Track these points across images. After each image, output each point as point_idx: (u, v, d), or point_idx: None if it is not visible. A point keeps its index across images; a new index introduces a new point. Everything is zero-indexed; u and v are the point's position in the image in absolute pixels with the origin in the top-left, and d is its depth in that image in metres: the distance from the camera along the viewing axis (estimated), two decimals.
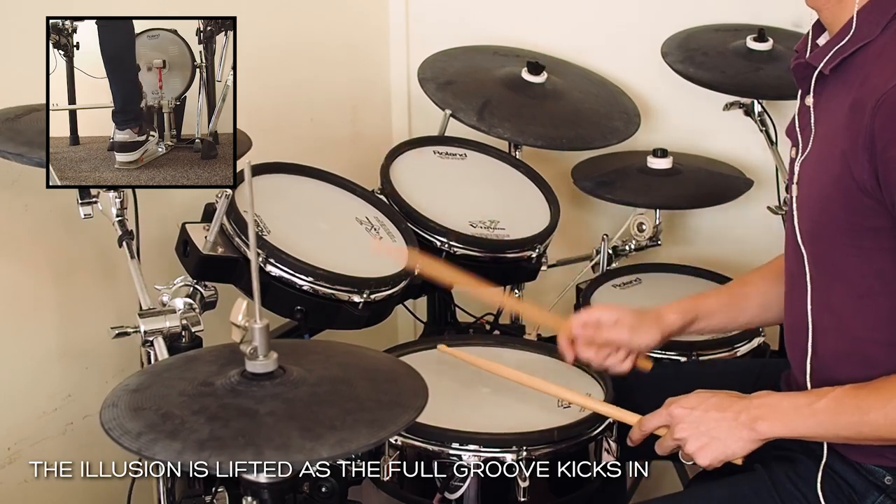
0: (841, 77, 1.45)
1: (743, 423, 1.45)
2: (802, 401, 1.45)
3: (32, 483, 1.86)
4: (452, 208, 2.14)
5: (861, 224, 1.42)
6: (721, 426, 1.46)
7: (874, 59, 1.41)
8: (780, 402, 1.46)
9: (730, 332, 2.03)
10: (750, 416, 1.45)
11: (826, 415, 1.42)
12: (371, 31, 2.84)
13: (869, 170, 1.37)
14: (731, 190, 2.46)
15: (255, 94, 1.82)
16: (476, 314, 2.39)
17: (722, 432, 1.46)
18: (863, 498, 1.50)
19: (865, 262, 1.44)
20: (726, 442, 1.45)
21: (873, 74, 1.38)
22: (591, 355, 1.73)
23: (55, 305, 2.07)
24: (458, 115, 2.38)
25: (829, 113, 1.46)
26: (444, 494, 1.60)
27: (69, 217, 1.83)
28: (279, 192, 2.00)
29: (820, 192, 1.47)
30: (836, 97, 1.45)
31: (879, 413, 1.38)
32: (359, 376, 1.36)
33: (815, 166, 1.49)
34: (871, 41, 1.42)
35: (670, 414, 1.51)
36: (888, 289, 1.44)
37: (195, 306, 1.74)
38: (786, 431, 1.44)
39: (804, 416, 1.43)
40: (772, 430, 1.44)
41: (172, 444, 1.18)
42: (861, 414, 1.40)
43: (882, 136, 1.34)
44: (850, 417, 1.41)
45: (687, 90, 2.46)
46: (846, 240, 1.44)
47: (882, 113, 1.34)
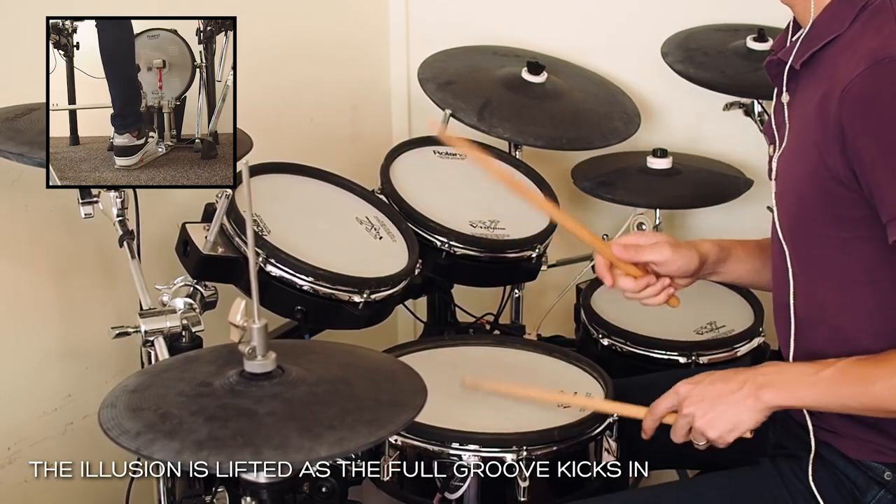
0: (812, 71, 1.46)
1: (748, 392, 1.45)
2: (808, 370, 1.45)
3: (32, 483, 1.87)
4: (452, 208, 2.14)
5: (839, 215, 1.42)
6: (727, 396, 1.46)
7: (842, 52, 1.42)
8: (785, 371, 1.47)
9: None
10: (755, 384, 1.45)
11: (830, 384, 1.42)
12: (371, 31, 2.84)
13: (842, 160, 1.37)
14: (731, 190, 2.46)
15: (255, 94, 1.82)
16: (476, 314, 2.39)
17: (728, 402, 1.45)
18: (864, 493, 1.51)
19: (847, 254, 1.45)
20: (733, 411, 1.45)
21: (840, 66, 1.39)
22: (629, 284, 1.67)
23: (55, 305, 2.07)
24: (458, 115, 2.37)
25: (802, 107, 1.47)
26: (444, 494, 1.60)
27: (69, 217, 1.84)
28: (279, 192, 2.00)
29: (797, 186, 1.48)
30: (808, 92, 1.46)
31: (884, 384, 1.38)
32: (358, 376, 1.36)
33: (790, 161, 1.50)
34: (840, 35, 1.44)
35: (677, 392, 1.51)
36: (871, 279, 1.44)
37: (195, 306, 1.74)
38: (790, 400, 1.44)
39: (808, 384, 1.43)
40: (777, 398, 1.44)
41: (171, 443, 1.18)
42: (865, 384, 1.39)
43: (851, 125, 1.35)
44: (853, 387, 1.40)
45: (687, 90, 2.45)
46: (826, 231, 1.45)
47: (848, 103, 1.35)
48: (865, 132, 1.35)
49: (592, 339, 2.17)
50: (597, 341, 2.15)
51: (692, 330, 2.18)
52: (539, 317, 2.45)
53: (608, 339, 2.14)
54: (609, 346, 2.13)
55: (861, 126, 1.35)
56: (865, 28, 1.41)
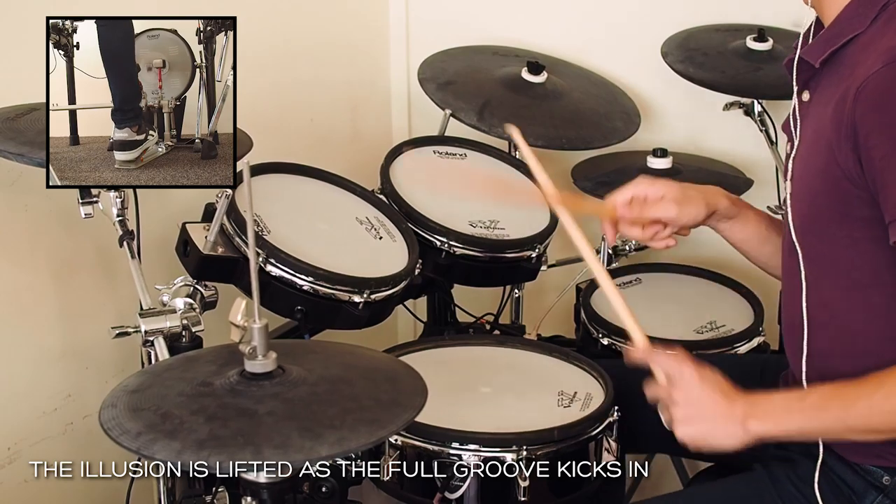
0: (832, 71, 1.46)
1: (736, 418, 1.41)
2: (793, 397, 1.44)
3: (32, 483, 1.86)
4: (452, 208, 2.14)
5: (849, 214, 1.42)
6: (715, 411, 1.42)
7: (861, 51, 1.41)
8: (772, 400, 1.44)
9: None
10: (744, 412, 1.41)
11: (814, 410, 1.40)
12: (371, 31, 2.84)
13: (853, 158, 1.37)
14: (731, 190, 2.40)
15: (255, 94, 1.82)
16: (476, 314, 2.39)
17: (713, 418, 1.42)
18: (861, 498, 1.50)
19: (856, 254, 1.44)
20: (715, 430, 1.42)
21: (859, 65, 1.38)
22: (636, 233, 1.66)
23: (55, 305, 2.07)
24: (458, 115, 2.37)
25: (820, 107, 1.46)
26: (444, 494, 1.60)
27: (69, 217, 1.83)
28: (279, 192, 2.01)
29: (809, 185, 1.47)
30: (828, 91, 1.45)
31: (864, 404, 1.36)
32: (358, 376, 1.36)
33: (804, 160, 1.50)
34: (861, 33, 1.43)
35: (680, 369, 1.45)
36: (880, 280, 1.43)
37: (195, 306, 1.74)
38: (776, 430, 1.41)
39: (793, 412, 1.41)
40: (763, 429, 1.41)
41: (171, 443, 1.18)
42: (846, 407, 1.37)
43: (863, 123, 1.34)
44: (836, 412, 1.38)
45: (687, 90, 2.45)
46: (835, 231, 1.44)
47: (862, 101, 1.34)
48: (877, 131, 1.34)
49: (592, 339, 2.17)
50: (597, 341, 2.15)
51: (692, 329, 2.18)
52: (539, 317, 2.44)
53: (608, 339, 2.14)
54: (609, 346, 2.13)
55: (873, 124, 1.34)
56: (886, 27, 1.40)
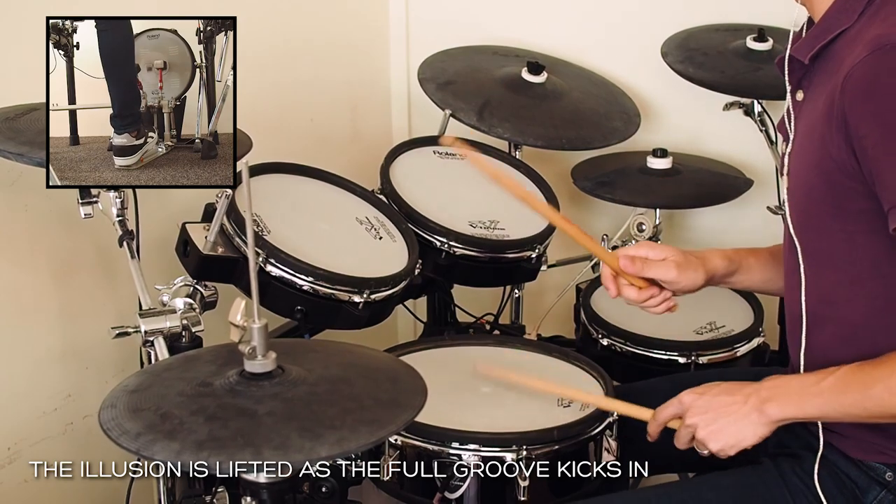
0: (823, 67, 1.46)
1: (753, 407, 1.44)
2: (810, 380, 1.44)
3: (32, 483, 1.87)
4: (452, 208, 2.14)
5: (844, 207, 1.42)
6: (731, 410, 1.45)
7: (849, 44, 1.41)
8: (789, 383, 1.46)
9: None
10: (759, 398, 1.44)
11: (832, 393, 1.41)
12: (371, 31, 2.84)
13: (846, 149, 1.37)
14: (731, 190, 2.46)
15: (255, 94, 1.82)
16: (476, 314, 2.39)
17: (732, 416, 1.45)
18: (865, 493, 1.51)
19: (854, 247, 1.44)
20: (737, 426, 1.45)
21: (847, 58, 1.38)
22: (633, 295, 1.66)
23: (55, 305, 2.07)
24: (458, 115, 2.38)
25: (813, 102, 1.47)
26: (444, 494, 1.60)
27: (69, 217, 1.83)
28: (279, 192, 2.01)
29: (804, 180, 1.48)
30: (819, 87, 1.46)
31: (882, 386, 1.36)
32: (358, 376, 1.36)
33: (799, 155, 1.50)
34: (849, 28, 1.43)
35: (681, 401, 1.51)
36: (879, 273, 1.44)
37: (195, 306, 1.74)
38: (795, 412, 1.43)
39: (811, 395, 1.42)
40: (781, 412, 1.43)
41: (171, 444, 1.18)
42: (865, 389, 1.38)
43: (853, 112, 1.35)
44: (854, 394, 1.39)
45: (687, 90, 2.45)
46: (832, 225, 1.45)
47: (849, 90, 1.35)
48: (867, 119, 1.34)
49: (592, 339, 2.17)
50: (597, 341, 2.15)
51: (692, 330, 2.18)
52: (539, 317, 2.45)
53: (608, 339, 2.14)
54: (609, 346, 2.14)
55: (862, 113, 1.34)
56: (873, 19, 1.41)
